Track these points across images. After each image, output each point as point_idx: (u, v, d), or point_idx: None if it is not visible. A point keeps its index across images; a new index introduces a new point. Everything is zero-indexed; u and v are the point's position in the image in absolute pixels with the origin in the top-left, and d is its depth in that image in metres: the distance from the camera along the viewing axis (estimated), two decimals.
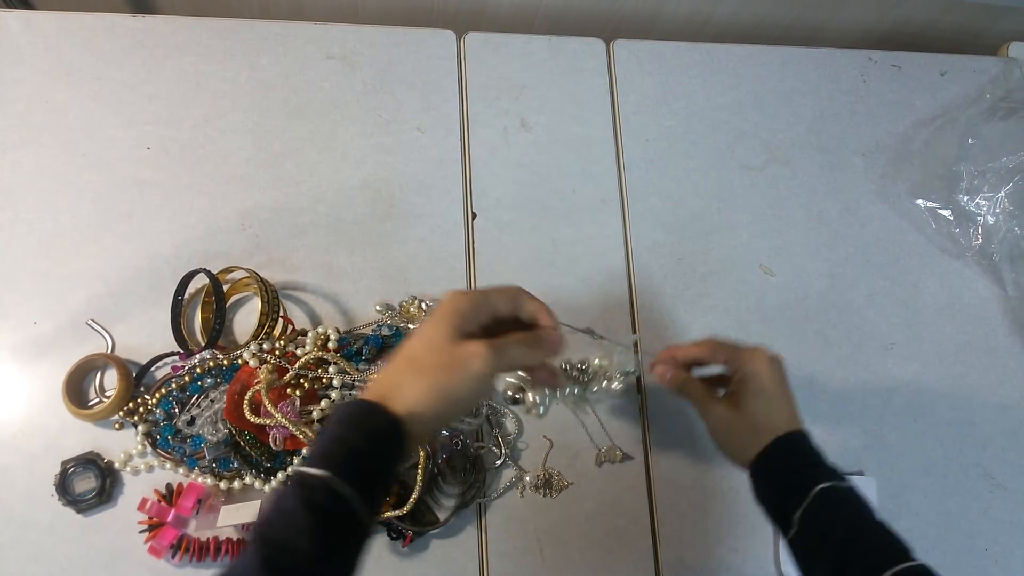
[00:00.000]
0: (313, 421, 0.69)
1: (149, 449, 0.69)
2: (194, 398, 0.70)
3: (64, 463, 0.68)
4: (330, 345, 0.72)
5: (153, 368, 0.72)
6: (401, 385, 0.51)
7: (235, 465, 0.69)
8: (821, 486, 0.57)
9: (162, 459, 0.69)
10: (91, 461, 0.68)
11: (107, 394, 0.70)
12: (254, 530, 0.47)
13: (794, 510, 0.57)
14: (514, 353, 0.53)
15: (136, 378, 0.71)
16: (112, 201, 0.79)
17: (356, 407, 0.50)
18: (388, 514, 0.68)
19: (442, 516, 0.71)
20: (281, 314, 0.75)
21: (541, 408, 0.65)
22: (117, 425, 0.70)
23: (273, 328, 0.74)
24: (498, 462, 0.75)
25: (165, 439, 0.69)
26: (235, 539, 0.68)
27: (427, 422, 0.51)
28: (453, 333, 0.52)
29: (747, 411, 0.62)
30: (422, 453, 0.69)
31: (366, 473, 0.48)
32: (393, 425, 0.49)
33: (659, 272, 0.86)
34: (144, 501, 0.67)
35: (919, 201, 0.92)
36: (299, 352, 0.71)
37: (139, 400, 0.70)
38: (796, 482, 0.58)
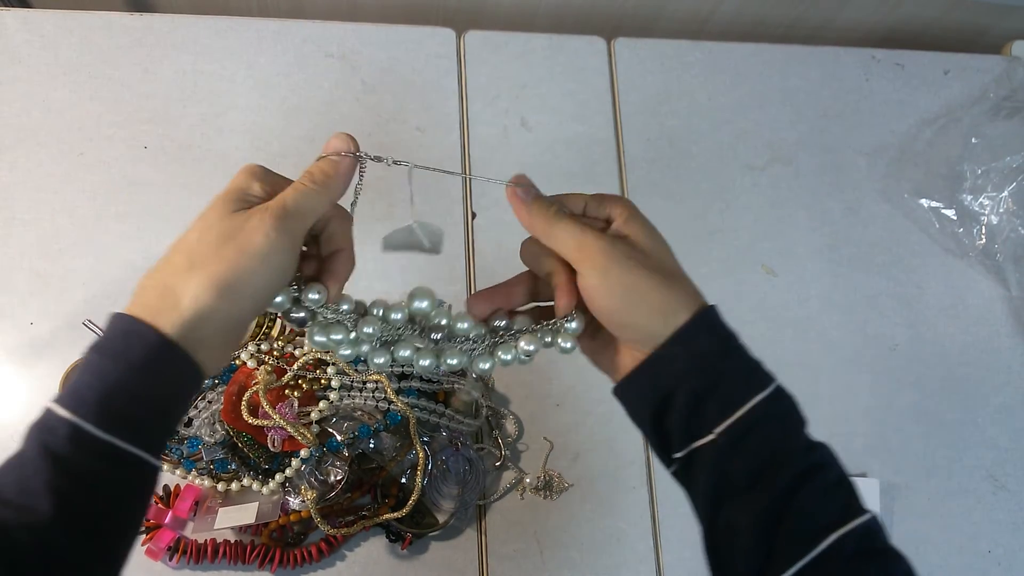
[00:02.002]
0: (312, 423, 0.69)
1: None
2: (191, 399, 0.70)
3: None
4: None
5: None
6: (173, 288, 0.39)
7: (233, 467, 0.68)
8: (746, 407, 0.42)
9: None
10: None
11: None
12: None
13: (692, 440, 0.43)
14: (303, 201, 0.40)
15: None
16: (109, 200, 0.78)
17: (115, 327, 0.39)
18: (386, 516, 0.67)
19: (441, 518, 0.70)
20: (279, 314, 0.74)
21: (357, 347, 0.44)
22: None
23: (271, 328, 0.73)
24: (498, 464, 0.74)
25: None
26: (233, 541, 0.67)
27: (213, 332, 0.39)
28: (233, 204, 0.40)
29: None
30: (421, 454, 0.68)
31: (126, 416, 0.37)
32: (163, 348, 0.38)
33: None
34: None
35: (922, 201, 0.92)
36: (297, 353, 0.71)
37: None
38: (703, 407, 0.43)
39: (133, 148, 0.81)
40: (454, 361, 0.45)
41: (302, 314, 0.43)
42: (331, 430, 0.69)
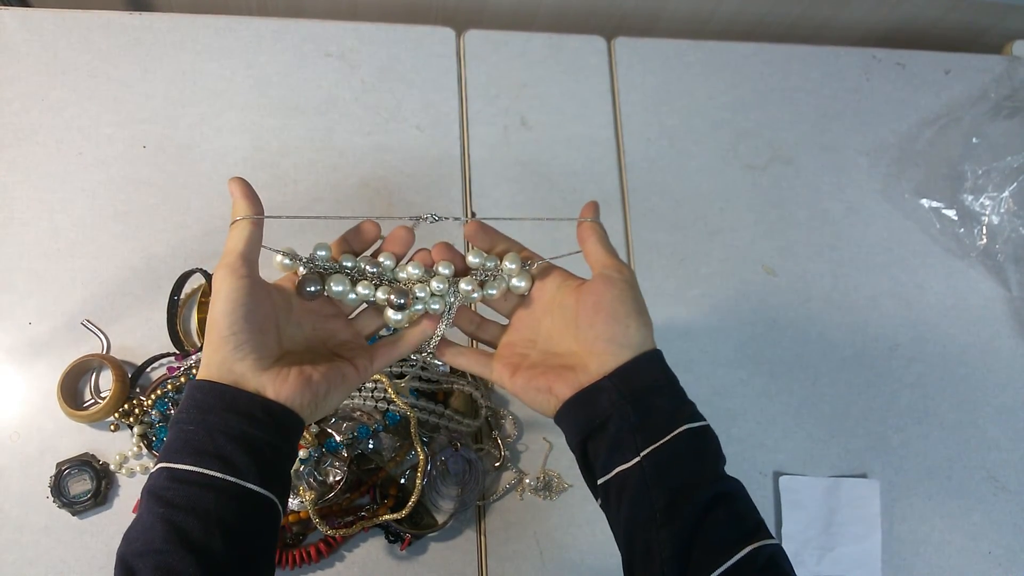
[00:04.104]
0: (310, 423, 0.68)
1: (145, 451, 0.69)
2: None
3: (59, 465, 0.67)
4: None
5: (149, 369, 0.72)
6: (207, 350, 0.47)
7: None
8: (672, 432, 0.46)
9: None
10: (86, 463, 0.67)
11: (102, 395, 0.70)
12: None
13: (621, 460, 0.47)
14: (236, 240, 0.48)
15: (131, 379, 0.71)
16: (108, 200, 0.78)
17: (186, 391, 0.47)
18: (386, 517, 0.67)
19: (441, 519, 0.70)
20: None
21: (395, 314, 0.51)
22: (112, 427, 0.70)
23: None
24: (497, 464, 0.74)
25: (161, 441, 0.69)
26: None
27: (250, 361, 0.45)
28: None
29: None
30: (421, 456, 0.68)
31: (207, 450, 0.43)
32: (215, 387, 0.45)
33: (661, 272, 0.85)
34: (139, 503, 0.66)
35: (923, 201, 0.91)
36: None
37: (134, 401, 0.69)
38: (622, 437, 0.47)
39: (132, 147, 0.80)
40: (467, 287, 0.52)
41: (312, 288, 0.50)
42: (330, 430, 0.68)
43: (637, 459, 0.46)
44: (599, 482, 0.48)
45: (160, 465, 0.43)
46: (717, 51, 0.96)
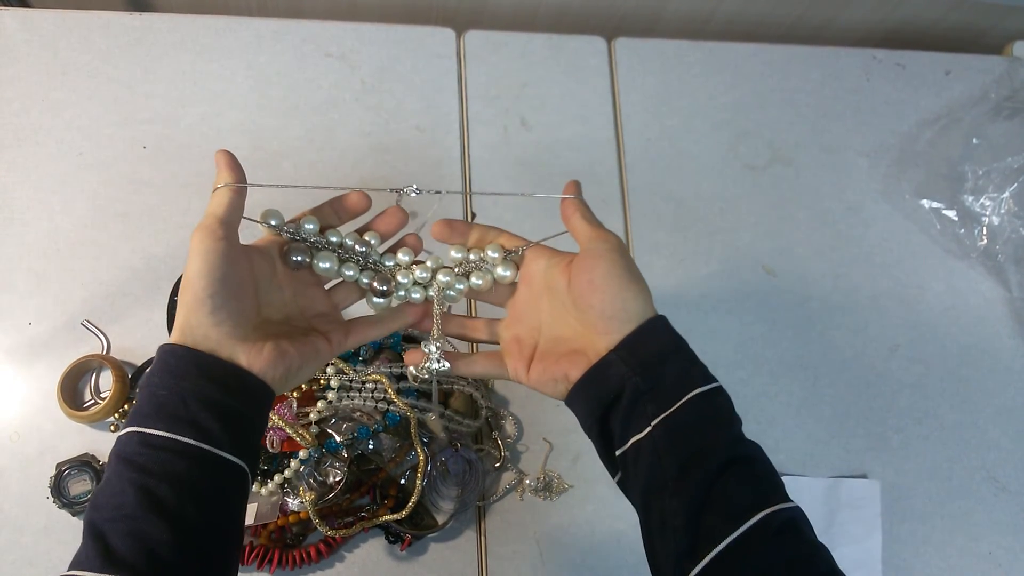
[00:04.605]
0: (310, 423, 0.68)
1: None
2: None
3: (59, 465, 0.67)
4: None
5: (148, 370, 0.72)
6: (180, 314, 0.45)
7: None
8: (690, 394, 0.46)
9: None
10: (86, 463, 0.67)
11: (102, 396, 0.70)
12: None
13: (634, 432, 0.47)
14: (216, 205, 0.45)
15: (131, 380, 0.71)
16: (108, 200, 0.78)
17: (157, 354, 0.46)
18: (386, 517, 0.67)
19: (441, 519, 0.70)
20: None
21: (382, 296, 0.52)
22: (112, 427, 0.70)
23: None
24: (497, 465, 0.74)
25: None
26: None
27: (223, 328, 0.44)
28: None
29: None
30: (421, 456, 0.68)
31: (181, 416, 0.42)
32: (187, 352, 0.44)
33: (661, 273, 0.85)
34: None
35: (923, 201, 0.91)
36: None
37: (134, 402, 0.69)
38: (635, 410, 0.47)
39: (132, 148, 0.81)
40: (445, 279, 0.53)
41: (298, 258, 0.49)
42: (330, 431, 0.68)
43: (649, 428, 0.45)
44: (617, 453, 0.48)
45: (130, 429, 0.42)
46: (717, 52, 0.96)
